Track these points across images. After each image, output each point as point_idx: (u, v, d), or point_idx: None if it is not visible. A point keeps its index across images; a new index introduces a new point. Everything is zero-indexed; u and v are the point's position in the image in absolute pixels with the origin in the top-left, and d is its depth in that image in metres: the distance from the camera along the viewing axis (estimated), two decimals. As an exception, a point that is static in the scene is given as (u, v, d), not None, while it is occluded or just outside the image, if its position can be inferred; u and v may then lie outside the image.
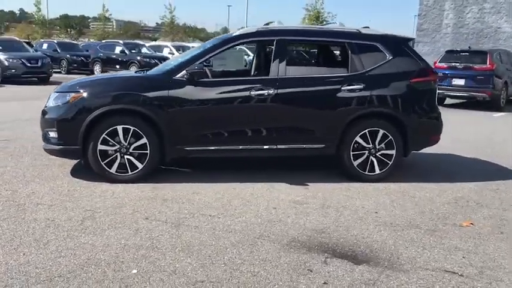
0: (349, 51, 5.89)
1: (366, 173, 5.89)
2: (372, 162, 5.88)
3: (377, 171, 5.90)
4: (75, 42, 35.81)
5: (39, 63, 18.88)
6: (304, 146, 5.80)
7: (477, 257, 3.86)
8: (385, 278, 3.42)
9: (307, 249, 3.86)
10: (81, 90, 5.48)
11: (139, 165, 5.50)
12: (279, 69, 5.69)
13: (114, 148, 5.45)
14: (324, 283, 3.32)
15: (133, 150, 5.48)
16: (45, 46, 27.16)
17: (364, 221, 4.58)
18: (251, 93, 5.56)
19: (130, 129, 5.41)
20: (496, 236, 4.33)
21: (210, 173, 6.00)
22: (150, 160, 5.50)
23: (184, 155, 5.65)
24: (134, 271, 3.38)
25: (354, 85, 5.75)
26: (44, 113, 5.62)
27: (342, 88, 5.72)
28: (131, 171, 5.49)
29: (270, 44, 5.94)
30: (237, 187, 5.48)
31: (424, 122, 6.01)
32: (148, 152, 5.49)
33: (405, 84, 5.89)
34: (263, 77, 5.97)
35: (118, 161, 5.46)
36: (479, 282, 3.43)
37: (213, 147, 5.64)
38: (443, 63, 15.22)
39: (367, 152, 5.87)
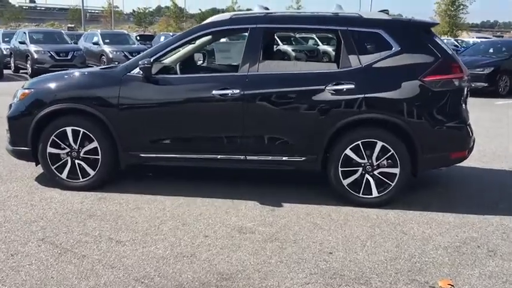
0: (342, 42, 4.67)
1: (360, 195, 4.66)
2: (368, 182, 4.63)
3: (375, 193, 4.64)
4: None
5: (69, 56, 17.74)
6: (280, 158, 4.74)
7: None
8: None
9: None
10: (31, 87, 5.02)
11: (91, 172, 4.91)
12: (249, 64, 4.70)
13: (64, 152, 4.92)
14: None
15: (84, 154, 4.90)
16: (162, 38, 28.11)
17: (300, 265, 3.48)
18: (213, 93, 4.65)
19: (80, 131, 4.84)
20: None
21: (178, 181, 5.22)
22: (103, 166, 4.89)
23: (139, 162, 4.95)
24: None
25: (341, 84, 4.54)
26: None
27: (327, 88, 4.54)
28: (83, 178, 4.94)
29: (247, 32, 4.92)
30: (191, 203, 4.65)
31: (441, 133, 4.58)
32: (99, 157, 4.87)
33: (415, 83, 4.52)
34: (229, 74, 5.02)
35: (69, 165, 4.92)
36: None
37: (170, 155, 4.85)
38: None
39: (361, 169, 4.63)
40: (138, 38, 28.54)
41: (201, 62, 6.23)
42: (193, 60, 5.91)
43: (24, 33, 18.95)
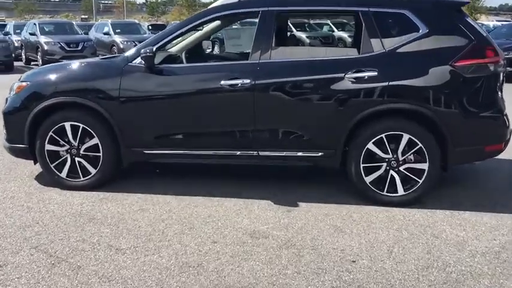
0: (363, 24, 4.22)
1: (384, 193, 4.24)
2: (393, 178, 4.21)
3: (400, 191, 4.21)
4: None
5: (80, 47, 17.47)
6: (295, 153, 4.33)
7: None
8: None
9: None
10: (27, 80, 4.67)
11: (92, 170, 4.57)
12: (261, 51, 4.28)
13: (64, 149, 4.58)
14: None
15: (84, 152, 4.55)
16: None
17: (320, 276, 3.09)
18: (222, 83, 4.25)
19: (79, 126, 4.48)
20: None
21: (186, 178, 4.85)
22: (104, 164, 4.54)
23: (143, 159, 4.58)
24: None
25: (363, 71, 4.10)
26: (6, 104, 4.95)
27: (346, 76, 4.11)
28: (83, 177, 4.60)
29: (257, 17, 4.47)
30: (201, 203, 4.28)
31: (474, 124, 4.13)
32: (101, 154, 4.52)
33: (445, 68, 4.06)
34: (239, 62, 4.60)
35: (68, 164, 4.58)
36: None
37: (175, 151, 4.47)
38: None
39: (385, 164, 4.21)
40: (150, 27, 28.24)
41: (210, 50, 5.83)
42: (201, 48, 5.51)
43: (35, 24, 18.72)
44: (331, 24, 26.08)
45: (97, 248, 3.45)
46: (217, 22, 5.21)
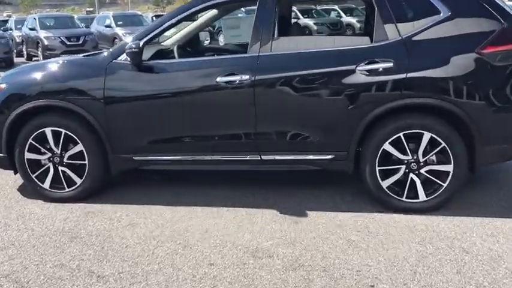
0: (376, 8, 3.71)
1: (403, 199, 3.76)
2: (413, 182, 3.72)
3: (422, 197, 3.73)
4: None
5: (81, 40, 16.87)
6: (302, 157, 3.86)
7: None
8: None
9: None
10: (4, 82, 4.23)
11: (78, 180, 4.13)
12: (261, 42, 3.79)
13: (45, 157, 4.14)
14: None
15: (68, 160, 4.11)
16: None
17: (333, 308, 2.62)
18: (217, 80, 3.77)
19: (61, 132, 4.04)
20: None
21: (182, 185, 4.40)
22: (90, 173, 4.10)
23: (133, 166, 4.13)
24: None
25: (376, 62, 3.60)
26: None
27: (358, 68, 3.61)
28: (68, 188, 4.16)
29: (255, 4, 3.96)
30: (195, 215, 3.83)
31: (504, 119, 3.62)
32: (86, 162, 4.07)
33: (471, 56, 3.55)
34: (237, 56, 4.11)
35: (51, 173, 4.14)
36: None
37: (170, 157, 4.02)
38: None
39: (403, 167, 3.72)
40: (154, 18, 27.67)
41: (208, 41, 5.35)
42: (196, 41, 5.03)
43: (34, 19, 18.27)
44: (338, 9, 25.36)
45: (76, 275, 3.01)
46: (214, 11, 4.73)
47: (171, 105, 3.90)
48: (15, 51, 19.99)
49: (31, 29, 17.62)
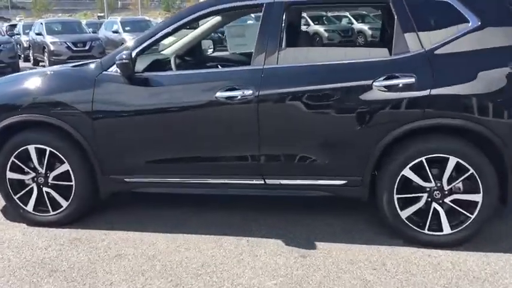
0: (396, 16, 3.30)
1: (425, 231, 3.33)
2: (437, 213, 3.29)
3: (446, 229, 3.30)
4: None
5: (87, 46, 16.58)
6: (311, 182, 3.45)
7: None
8: None
9: None
10: (-17, 95, 3.87)
11: (64, 203, 3.76)
12: (266, 53, 3.39)
13: (29, 177, 3.77)
14: None
15: (54, 180, 3.73)
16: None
17: None
18: (217, 95, 3.38)
19: (46, 150, 3.67)
20: None
21: (179, 210, 4.00)
22: (77, 195, 3.72)
23: (125, 189, 3.75)
24: None
25: (397, 78, 3.19)
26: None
27: (375, 84, 3.20)
28: (53, 211, 3.79)
29: (260, 11, 3.57)
30: (192, 245, 3.44)
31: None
32: (73, 183, 3.70)
33: (505, 71, 3.13)
34: (239, 68, 3.71)
35: (35, 195, 3.77)
36: None
37: (163, 180, 3.64)
38: None
39: (426, 195, 3.29)
40: (163, 24, 27.42)
41: (211, 51, 4.97)
42: (198, 50, 4.65)
43: (41, 24, 18.06)
44: (349, 16, 24.91)
45: (50, 321, 2.62)
46: (217, 18, 4.36)
47: (166, 122, 3.52)
48: (22, 56, 19.87)
49: (37, 34, 17.42)
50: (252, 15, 11.50)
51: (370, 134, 3.26)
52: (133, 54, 3.48)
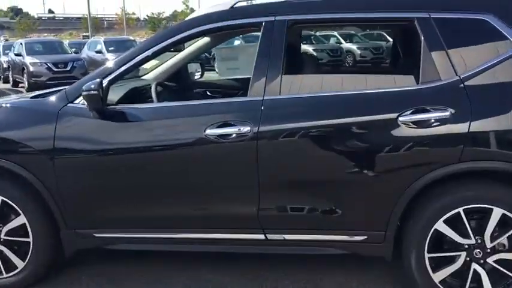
0: (423, 38, 2.72)
1: (463, 298, 2.71)
2: (477, 275, 2.68)
3: (489, 295, 2.68)
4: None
5: (69, 67, 15.72)
6: (321, 237, 2.84)
7: None
8: None
9: None
10: None
11: (20, 263, 3.09)
12: (266, 81, 2.79)
13: (-22, 232, 3.10)
14: None
15: (7, 236, 3.07)
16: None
17: None
18: (206, 133, 2.76)
19: (-3, 200, 3.01)
20: None
21: (169, 263, 3.34)
22: (35, 254, 3.06)
23: (94, 245, 3.10)
24: None
25: (427, 111, 2.61)
26: None
27: (401, 118, 2.61)
28: (6, 273, 3.12)
29: (259, 30, 2.98)
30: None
31: None
32: (30, 239, 3.03)
33: (559, 104, 2.56)
34: (233, 100, 3.09)
35: (-15, 253, 3.10)
36: None
37: (139, 235, 2.99)
38: None
39: (463, 253, 2.69)
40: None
41: (199, 75, 4.38)
42: (184, 75, 4.05)
43: (21, 44, 17.36)
44: (338, 35, 24.52)
45: None
46: (205, 39, 3.77)
47: (144, 166, 2.89)
48: (1, 77, 19.14)
49: (17, 55, 16.71)
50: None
51: (395, 179, 2.67)
52: (105, 83, 2.85)
